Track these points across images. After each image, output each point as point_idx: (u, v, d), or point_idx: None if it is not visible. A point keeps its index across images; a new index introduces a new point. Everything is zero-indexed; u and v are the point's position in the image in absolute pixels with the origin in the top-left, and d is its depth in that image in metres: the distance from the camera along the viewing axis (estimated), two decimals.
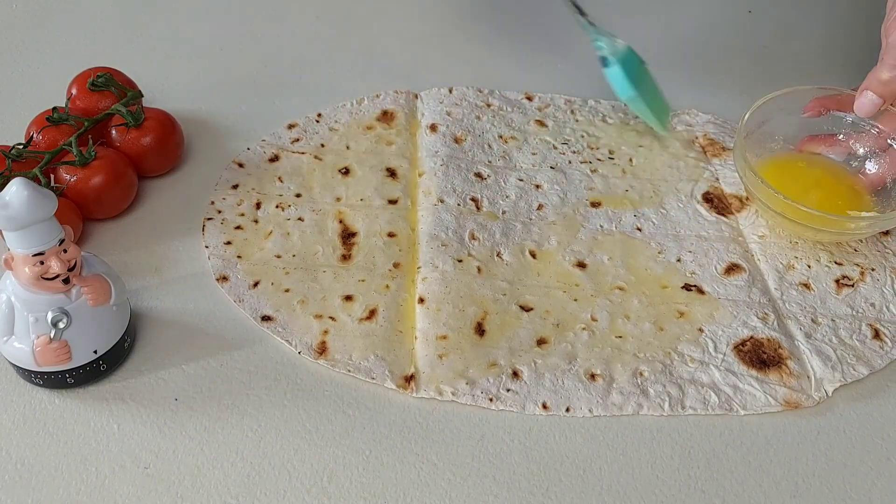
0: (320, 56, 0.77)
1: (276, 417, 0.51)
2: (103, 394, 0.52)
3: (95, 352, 0.50)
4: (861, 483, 0.50)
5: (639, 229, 0.62)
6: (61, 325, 0.48)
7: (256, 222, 0.61)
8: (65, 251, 0.47)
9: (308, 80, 0.74)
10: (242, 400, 0.52)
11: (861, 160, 0.63)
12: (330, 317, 0.56)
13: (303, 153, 0.66)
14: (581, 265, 0.60)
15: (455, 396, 0.52)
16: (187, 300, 0.57)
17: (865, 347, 0.56)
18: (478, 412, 0.52)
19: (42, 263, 0.46)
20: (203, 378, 0.53)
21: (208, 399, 0.52)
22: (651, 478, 0.49)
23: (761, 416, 0.52)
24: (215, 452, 0.49)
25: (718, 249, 0.61)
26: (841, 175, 0.63)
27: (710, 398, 0.53)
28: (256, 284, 0.57)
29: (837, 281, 0.59)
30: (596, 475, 0.49)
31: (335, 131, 0.68)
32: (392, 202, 0.63)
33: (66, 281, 0.47)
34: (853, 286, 0.59)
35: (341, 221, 0.62)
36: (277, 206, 0.62)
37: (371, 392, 0.53)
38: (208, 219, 0.61)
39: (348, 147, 0.67)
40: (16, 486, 0.47)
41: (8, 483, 0.47)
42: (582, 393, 0.53)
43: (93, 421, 0.50)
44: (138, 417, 0.51)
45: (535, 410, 0.52)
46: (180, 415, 0.51)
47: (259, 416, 0.51)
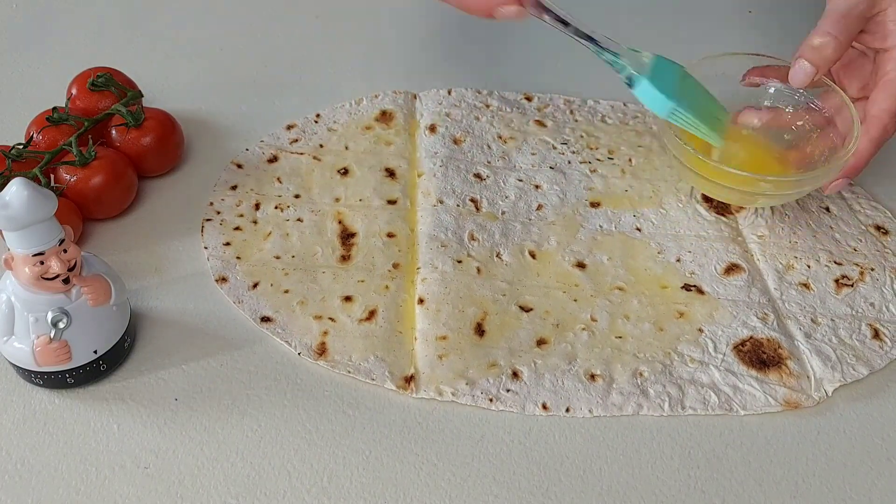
0: (320, 56, 0.77)
1: (276, 417, 0.51)
2: (103, 394, 0.52)
3: (95, 352, 0.50)
4: (861, 483, 0.50)
5: (638, 229, 0.62)
6: (61, 325, 0.48)
7: (255, 223, 0.61)
8: (65, 251, 0.47)
9: (307, 81, 0.74)
10: (242, 400, 0.52)
11: (794, 134, 0.62)
12: (329, 318, 0.56)
13: (301, 154, 0.66)
14: (581, 265, 0.60)
15: (455, 397, 0.52)
16: (187, 300, 0.57)
17: (865, 347, 0.56)
18: (478, 412, 0.52)
19: (42, 263, 0.46)
20: (203, 378, 0.53)
21: (208, 399, 0.52)
22: (651, 478, 0.49)
23: (761, 416, 0.52)
24: (215, 452, 0.49)
25: (718, 249, 0.61)
26: (769, 147, 0.61)
27: (710, 398, 0.53)
28: (256, 285, 0.57)
29: (837, 281, 0.59)
30: (596, 475, 0.49)
31: (334, 132, 0.68)
32: (391, 202, 0.63)
33: (66, 281, 0.47)
34: (853, 286, 0.59)
35: (340, 222, 0.62)
36: (276, 207, 0.62)
37: (371, 392, 0.53)
38: (207, 220, 0.61)
39: (347, 147, 0.67)
40: (16, 486, 0.47)
41: (8, 483, 0.47)
42: (582, 393, 0.53)
43: (93, 421, 0.50)
44: (138, 417, 0.51)
45: (535, 411, 0.52)
46: (180, 415, 0.51)
47: (259, 416, 0.51)
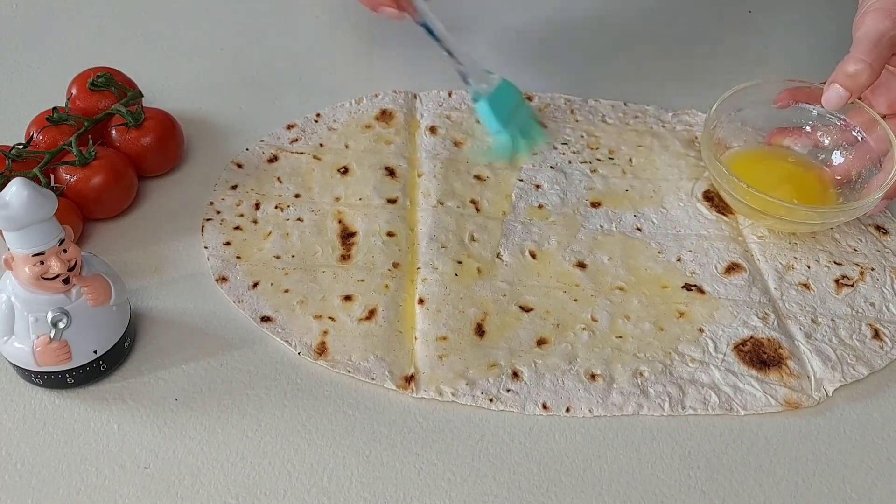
0: (320, 56, 0.77)
1: (276, 417, 0.51)
2: (103, 394, 0.52)
3: (95, 352, 0.50)
4: (861, 483, 0.50)
5: (639, 229, 0.62)
6: (61, 325, 0.48)
7: (255, 223, 0.61)
8: (65, 251, 0.47)
9: (307, 81, 0.74)
10: (242, 400, 0.52)
11: (828, 153, 0.64)
12: (329, 317, 0.56)
13: (302, 153, 0.66)
14: (581, 265, 0.60)
15: (455, 397, 0.52)
16: (187, 300, 0.57)
17: (865, 347, 0.56)
18: (478, 412, 0.52)
19: (42, 263, 0.46)
20: (203, 378, 0.53)
21: (208, 399, 0.52)
22: (651, 478, 0.49)
23: (761, 416, 0.52)
24: (215, 452, 0.49)
25: (718, 249, 0.61)
26: (807, 168, 0.64)
27: (711, 398, 0.53)
28: (256, 285, 0.57)
29: (837, 281, 0.59)
30: (596, 475, 0.49)
31: (334, 131, 0.68)
32: (391, 201, 0.63)
33: (66, 281, 0.47)
34: (853, 286, 0.59)
35: (340, 221, 0.61)
36: (276, 207, 0.62)
37: (371, 392, 0.53)
38: (207, 219, 0.61)
39: (347, 146, 0.67)
40: (16, 486, 0.47)
41: (8, 483, 0.47)
42: (582, 393, 0.53)
43: (93, 421, 0.50)
44: (138, 417, 0.51)
45: (536, 411, 0.52)
46: (180, 415, 0.51)
47: (259, 416, 0.51)
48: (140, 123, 0.62)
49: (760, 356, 0.55)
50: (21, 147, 0.59)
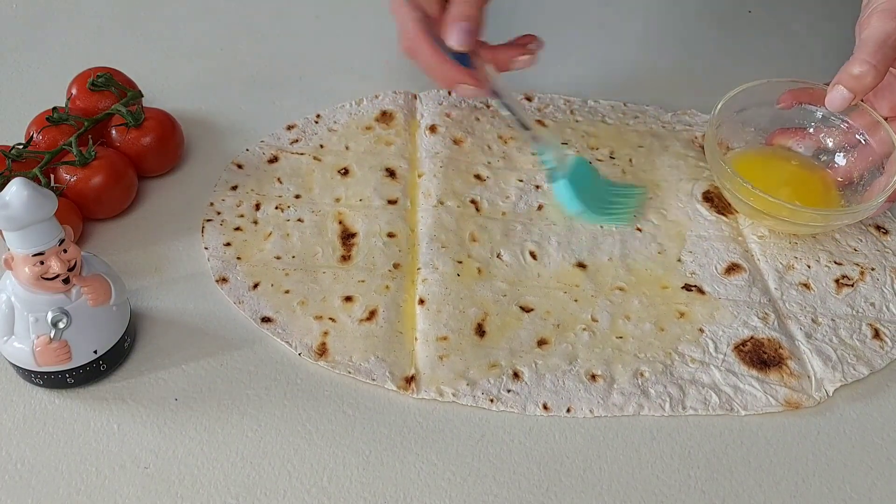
0: (320, 56, 0.77)
1: (276, 417, 0.51)
2: (103, 394, 0.51)
3: (95, 352, 0.50)
4: (861, 483, 0.50)
5: (639, 229, 0.62)
6: (61, 325, 0.48)
7: (256, 223, 0.61)
8: (65, 251, 0.47)
9: (307, 81, 0.74)
10: (242, 400, 0.52)
11: (830, 155, 0.64)
12: (330, 318, 0.56)
13: (302, 154, 0.66)
14: (581, 265, 0.60)
15: (456, 397, 0.52)
16: (187, 300, 0.57)
17: (866, 347, 0.56)
18: (478, 412, 0.52)
19: (42, 263, 0.46)
20: (203, 378, 0.53)
21: (208, 399, 0.52)
22: (651, 478, 0.49)
23: (762, 417, 0.52)
24: (215, 452, 0.49)
25: (718, 249, 0.61)
26: (810, 169, 0.64)
27: (711, 398, 0.53)
28: (256, 286, 0.57)
29: (837, 281, 0.59)
30: (596, 475, 0.49)
31: (334, 132, 0.68)
32: (391, 202, 0.63)
33: (66, 281, 0.47)
34: (853, 286, 0.59)
35: (341, 222, 0.61)
36: (277, 208, 0.62)
37: (371, 392, 0.53)
38: (207, 220, 0.61)
39: (347, 147, 0.67)
40: (16, 486, 0.47)
41: (8, 483, 0.47)
42: (583, 393, 0.53)
43: (93, 421, 0.50)
44: (138, 417, 0.51)
45: (536, 411, 0.52)
46: (180, 415, 0.51)
47: (259, 416, 0.51)
48: (140, 123, 0.62)
49: (761, 356, 0.55)
50: (21, 147, 0.59)
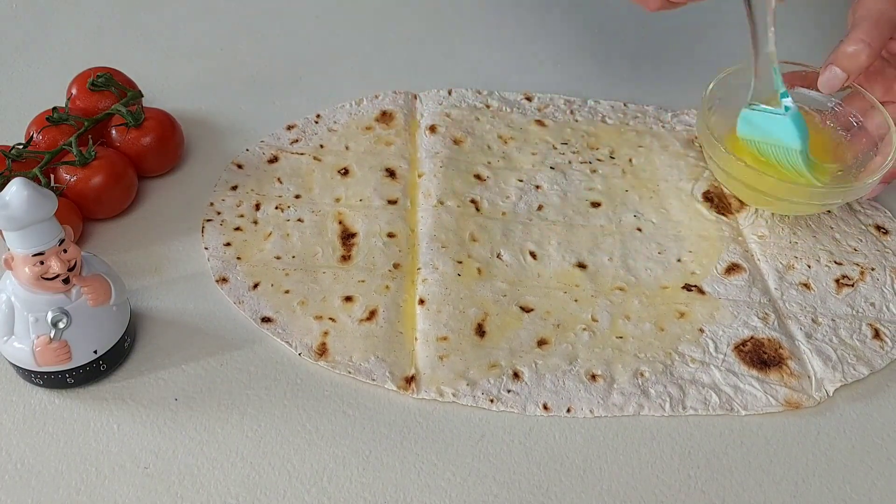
0: (320, 56, 0.77)
1: (276, 417, 0.51)
2: (103, 394, 0.51)
3: (95, 352, 0.50)
4: (861, 483, 0.50)
5: (639, 229, 0.62)
6: (61, 325, 0.48)
7: (256, 223, 0.61)
8: (65, 251, 0.47)
9: (307, 81, 0.74)
10: (242, 400, 0.52)
11: (825, 139, 0.63)
12: (330, 318, 0.56)
13: (302, 154, 0.66)
14: (581, 266, 0.60)
15: (456, 397, 0.52)
16: (187, 300, 0.57)
17: (866, 347, 0.56)
18: (478, 413, 0.52)
19: (42, 263, 0.46)
20: (203, 378, 0.53)
21: (208, 399, 0.52)
22: (651, 478, 0.49)
23: (762, 417, 0.52)
24: (215, 452, 0.49)
25: (718, 249, 0.61)
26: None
27: (711, 398, 0.53)
28: (256, 286, 0.57)
29: (837, 281, 0.59)
30: (596, 475, 0.49)
31: (334, 132, 0.68)
32: (392, 202, 0.63)
33: (66, 281, 0.47)
34: (853, 286, 0.59)
35: (341, 222, 0.61)
36: (277, 208, 0.62)
37: (371, 393, 0.53)
38: (207, 220, 0.61)
39: (347, 147, 0.67)
40: (16, 486, 0.47)
41: (8, 483, 0.47)
42: (583, 393, 0.53)
43: (93, 421, 0.50)
44: (138, 417, 0.51)
45: (536, 411, 0.52)
46: (180, 415, 0.51)
47: (259, 416, 0.51)
48: (140, 123, 0.62)
49: (761, 356, 0.55)
50: (21, 147, 0.59)
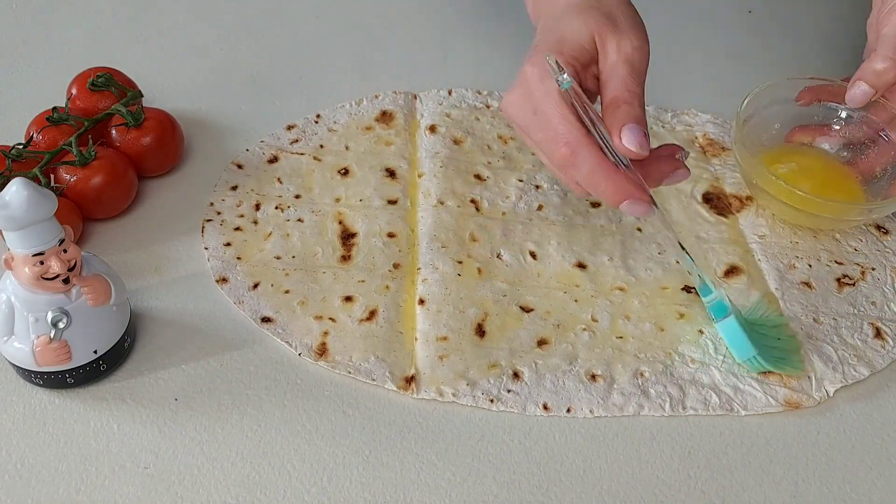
0: (320, 56, 0.77)
1: (276, 417, 0.51)
2: (103, 394, 0.51)
3: (95, 352, 0.50)
4: (861, 483, 0.50)
5: (639, 230, 0.62)
6: (61, 325, 0.48)
7: (256, 223, 0.61)
8: (65, 251, 0.47)
9: (307, 81, 0.74)
10: (242, 400, 0.52)
11: (851, 150, 0.64)
12: (330, 318, 0.56)
13: (302, 154, 0.66)
14: (581, 266, 0.60)
15: (456, 397, 0.52)
16: (187, 300, 0.57)
17: (867, 347, 0.56)
18: (478, 412, 0.52)
19: (42, 263, 0.46)
20: (203, 378, 0.53)
21: (208, 399, 0.52)
22: (651, 478, 0.49)
23: (762, 417, 0.52)
24: (215, 452, 0.49)
25: (717, 251, 0.61)
26: (831, 165, 0.64)
27: (711, 399, 0.53)
28: (256, 286, 0.57)
29: (839, 280, 0.59)
30: (596, 475, 0.49)
31: (334, 132, 0.68)
32: (392, 202, 0.63)
33: (66, 281, 0.47)
34: (854, 284, 0.59)
35: (341, 222, 0.61)
36: (277, 208, 0.62)
37: (371, 393, 0.53)
38: (207, 220, 0.61)
39: (347, 147, 0.67)
40: (16, 486, 0.47)
41: (8, 483, 0.47)
42: (583, 394, 0.53)
43: (93, 421, 0.50)
44: (138, 417, 0.50)
45: (536, 411, 0.52)
46: (180, 415, 0.51)
47: (259, 416, 0.51)
48: (140, 123, 0.62)
49: None
50: (21, 147, 0.59)
